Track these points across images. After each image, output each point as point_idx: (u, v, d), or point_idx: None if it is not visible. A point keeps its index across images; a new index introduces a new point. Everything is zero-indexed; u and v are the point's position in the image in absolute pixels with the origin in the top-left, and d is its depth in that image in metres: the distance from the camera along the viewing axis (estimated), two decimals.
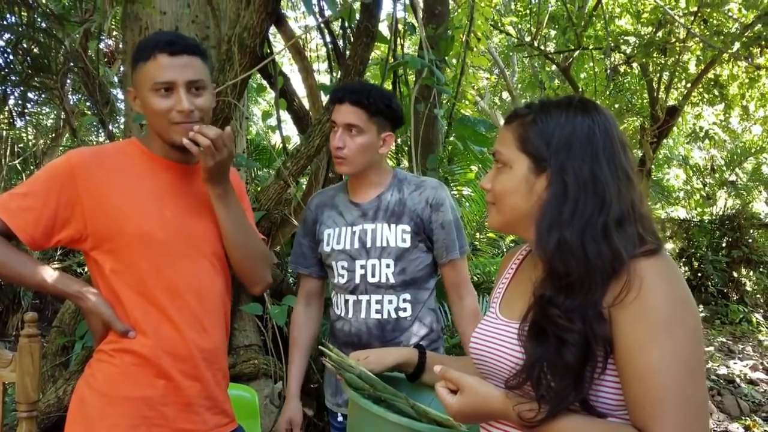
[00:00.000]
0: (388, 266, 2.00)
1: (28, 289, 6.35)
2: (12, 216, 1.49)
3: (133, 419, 1.52)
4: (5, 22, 3.93)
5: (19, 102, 5.11)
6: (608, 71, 8.80)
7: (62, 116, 7.14)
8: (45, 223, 1.50)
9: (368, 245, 2.02)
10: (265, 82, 4.06)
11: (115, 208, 1.54)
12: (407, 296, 2.02)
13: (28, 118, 6.77)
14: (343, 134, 1.95)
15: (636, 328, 1.00)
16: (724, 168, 11.61)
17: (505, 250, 6.48)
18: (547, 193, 1.12)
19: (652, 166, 8.91)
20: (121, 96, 5.36)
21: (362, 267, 2.02)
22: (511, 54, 10.65)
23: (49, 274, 1.54)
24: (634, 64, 8.31)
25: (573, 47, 7.62)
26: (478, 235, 6.47)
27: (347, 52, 3.26)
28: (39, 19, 3.92)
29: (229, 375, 1.79)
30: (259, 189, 3.36)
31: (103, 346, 1.58)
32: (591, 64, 8.26)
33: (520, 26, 9.50)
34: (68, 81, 5.24)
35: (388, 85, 3.78)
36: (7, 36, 4.11)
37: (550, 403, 1.03)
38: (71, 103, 6.54)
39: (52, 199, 1.51)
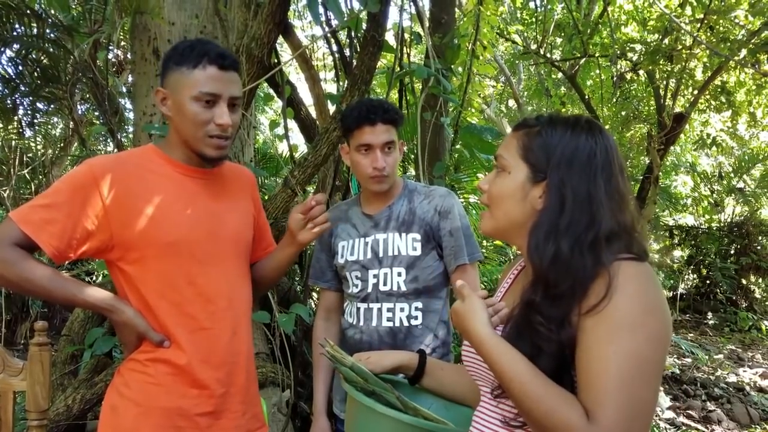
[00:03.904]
0: (399, 275, 2.02)
1: (55, 303, 6.35)
2: (35, 229, 1.46)
3: (167, 429, 1.53)
4: (15, 33, 3.96)
5: (29, 112, 5.15)
6: (615, 78, 8.79)
7: (71, 126, 7.19)
8: (69, 235, 1.48)
9: (380, 255, 2.05)
10: (272, 92, 4.09)
11: (142, 216, 1.53)
12: (419, 304, 2.04)
13: (37, 127, 6.80)
14: (382, 154, 2.00)
15: (598, 326, 1.05)
16: (732, 175, 11.57)
17: (512, 257, 6.48)
18: (543, 204, 1.17)
19: (660, 173, 8.88)
20: (129, 106, 5.40)
21: (375, 276, 2.05)
22: (517, 62, 10.67)
23: (78, 287, 1.53)
24: (641, 72, 8.29)
25: (579, 55, 7.61)
26: (485, 242, 6.46)
27: (354, 62, 3.28)
28: (48, 30, 3.95)
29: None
30: (266, 198, 3.38)
31: (136, 356, 1.58)
32: (597, 71, 8.26)
33: (525, 34, 9.51)
34: (77, 91, 5.27)
35: (394, 94, 3.79)
36: (16, 47, 4.13)
37: None
38: (80, 112, 6.58)
39: (76, 210, 1.49)
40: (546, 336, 1.08)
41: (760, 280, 10.92)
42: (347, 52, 3.77)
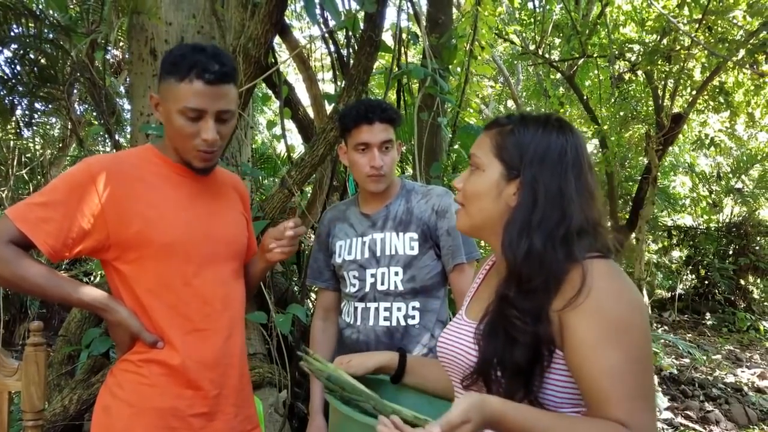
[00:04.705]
0: (396, 274, 2.03)
1: (50, 302, 6.35)
2: (31, 227, 1.46)
3: (160, 430, 1.53)
4: (12, 34, 3.95)
5: (26, 112, 5.13)
6: (613, 79, 8.80)
7: (69, 126, 7.18)
8: (66, 234, 1.48)
9: (378, 254, 2.06)
10: (269, 92, 4.09)
11: (139, 217, 1.53)
12: (416, 304, 2.04)
13: (34, 128, 6.78)
14: (380, 153, 2.01)
15: (590, 328, 1.07)
16: (731, 175, 11.57)
17: None
18: (516, 200, 1.20)
19: (658, 174, 8.88)
20: (127, 106, 5.40)
21: (372, 275, 2.06)
22: (515, 62, 10.66)
23: (73, 286, 1.53)
24: (639, 72, 8.29)
25: (577, 55, 7.61)
26: (482, 242, 6.47)
27: (351, 62, 3.28)
28: (46, 30, 3.94)
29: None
30: (263, 198, 3.38)
31: (129, 356, 1.57)
32: (596, 71, 8.26)
33: (524, 34, 9.50)
34: (75, 91, 5.27)
35: (392, 95, 3.79)
36: (14, 47, 4.12)
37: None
38: (78, 113, 6.57)
39: (73, 209, 1.48)
40: (521, 328, 1.11)
41: (759, 281, 10.91)
42: (344, 52, 3.78)
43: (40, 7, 4.25)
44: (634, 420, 1.03)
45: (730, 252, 10.84)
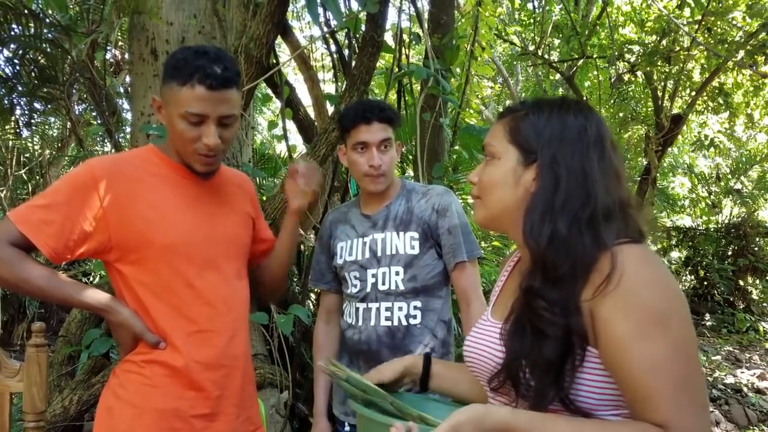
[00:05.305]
0: (397, 273, 2.02)
1: (52, 303, 6.34)
2: (33, 229, 1.45)
3: (162, 431, 1.52)
4: (12, 33, 3.94)
5: (26, 112, 5.11)
6: (612, 80, 8.80)
7: (68, 126, 7.17)
8: (67, 236, 1.48)
9: (378, 254, 2.05)
10: (270, 92, 4.07)
11: (140, 218, 1.52)
12: (417, 303, 2.04)
13: (34, 128, 6.77)
14: (378, 152, 2.01)
15: (624, 319, 0.99)
16: (729, 176, 11.59)
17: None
18: (536, 185, 1.13)
19: (657, 175, 8.89)
20: (127, 106, 5.39)
21: (373, 275, 2.05)
22: (515, 63, 10.67)
23: (75, 288, 1.53)
24: (639, 73, 8.31)
25: (577, 56, 7.62)
26: (483, 243, 6.46)
27: (353, 62, 3.28)
28: (46, 30, 3.93)
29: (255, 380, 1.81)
30: (264, 198, 3.37)
31: (131, 357, 1.57)
32: (595, 72, 8.26)
33: (524, 35, 9.51)
34: (75, 91, 5.25)
35: (393, 95, 3.79)
36: (14, 47, 4.11)
37: (530, 402, 1.04)
38: (77, 113, 6.56)
39: (75, 211, 1.48)
40: (550, 320, 1.03)
41: (758, 282, 10.92)
42: (346, 52, 3.77)
43: (40, 6, 4.23)
44: (680, 421, 0.94)
45: (729, 253, 10.85)
